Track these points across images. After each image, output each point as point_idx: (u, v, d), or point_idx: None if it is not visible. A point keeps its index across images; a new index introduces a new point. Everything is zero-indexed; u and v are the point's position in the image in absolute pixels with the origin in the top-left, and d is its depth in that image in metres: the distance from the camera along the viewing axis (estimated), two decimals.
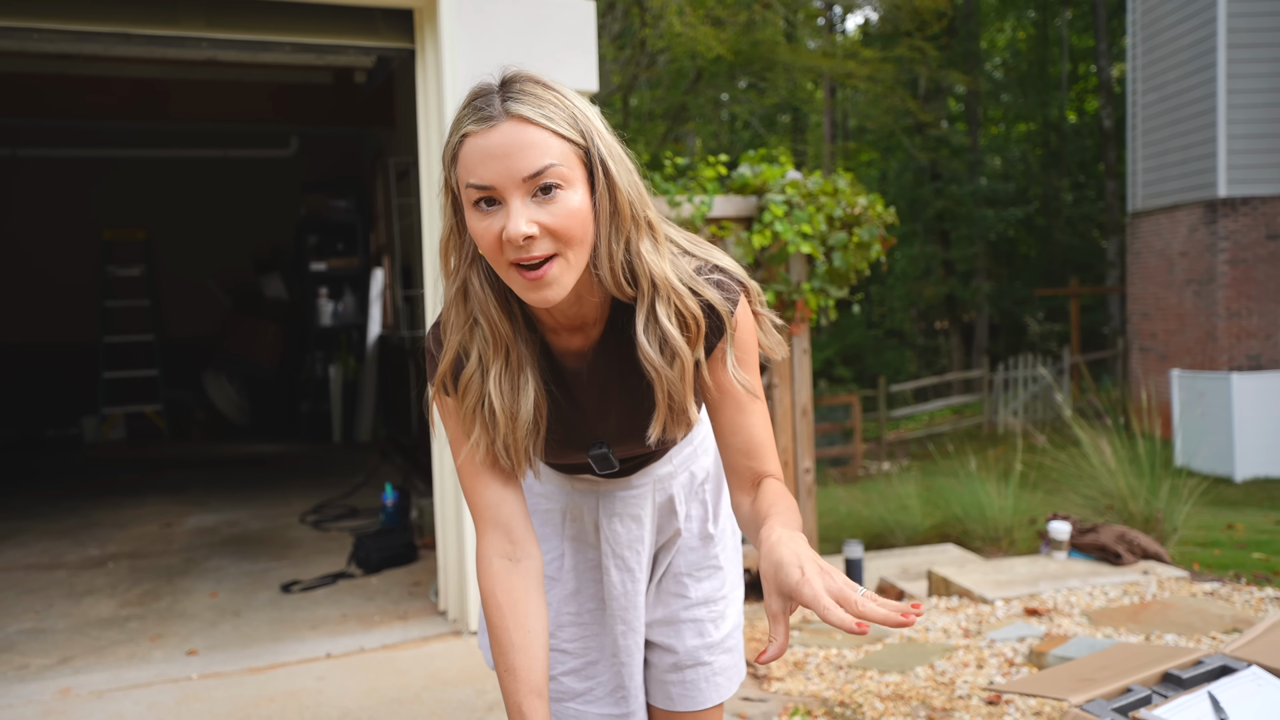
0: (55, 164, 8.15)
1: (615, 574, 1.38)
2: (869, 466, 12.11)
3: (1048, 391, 13.08)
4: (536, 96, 1.09)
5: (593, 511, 1.39)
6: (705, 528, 1.43)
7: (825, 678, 3.05)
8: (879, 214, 4.06)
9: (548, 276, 1.09)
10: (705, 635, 1.41)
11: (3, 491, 6.09)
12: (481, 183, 1.07)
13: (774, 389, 4.09)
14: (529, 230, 1.06)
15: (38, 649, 3.35)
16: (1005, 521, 5.28)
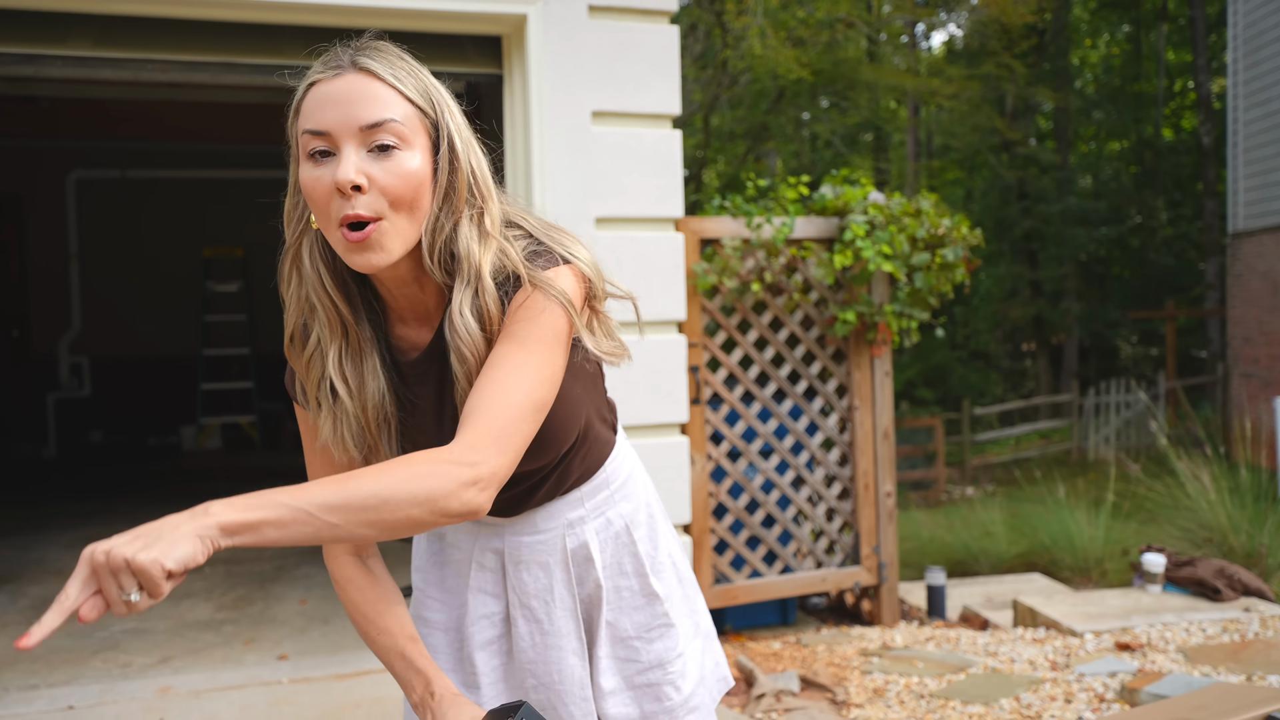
0: (161, 184, 8.54)
1: (523, 625, 1.30)
2: (951, 491, 11.83)
3: (1141, 418, 12.62)
4: (390, 60, 1.09)
5: (497, 557, 1.31)
6: (646, 584, 1.33)
7: (906, 706, 2.99)
8: (964, 235, 4.00)
9: (371, 238, 1.05)
10: (663, 699, 1.32)
11: (109, 497, 6.38)
12: (318, 127, 1.04)
13: (854, 411, 4.05)
14: (357, 179, 1.03)
15: (140, 648, 3.50)
16: (1095, 552, 5.11)
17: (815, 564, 4.07)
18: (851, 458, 4.08)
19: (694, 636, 1.38)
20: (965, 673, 3.28)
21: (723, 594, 3.79)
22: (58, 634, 3.66)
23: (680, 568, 1.42)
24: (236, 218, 8.71)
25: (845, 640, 3.77)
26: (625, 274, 3.37)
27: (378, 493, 0.95)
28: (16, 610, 3.99)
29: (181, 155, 8.36)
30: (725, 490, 3.87)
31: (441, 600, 1.36)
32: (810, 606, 4.44)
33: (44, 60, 2.88)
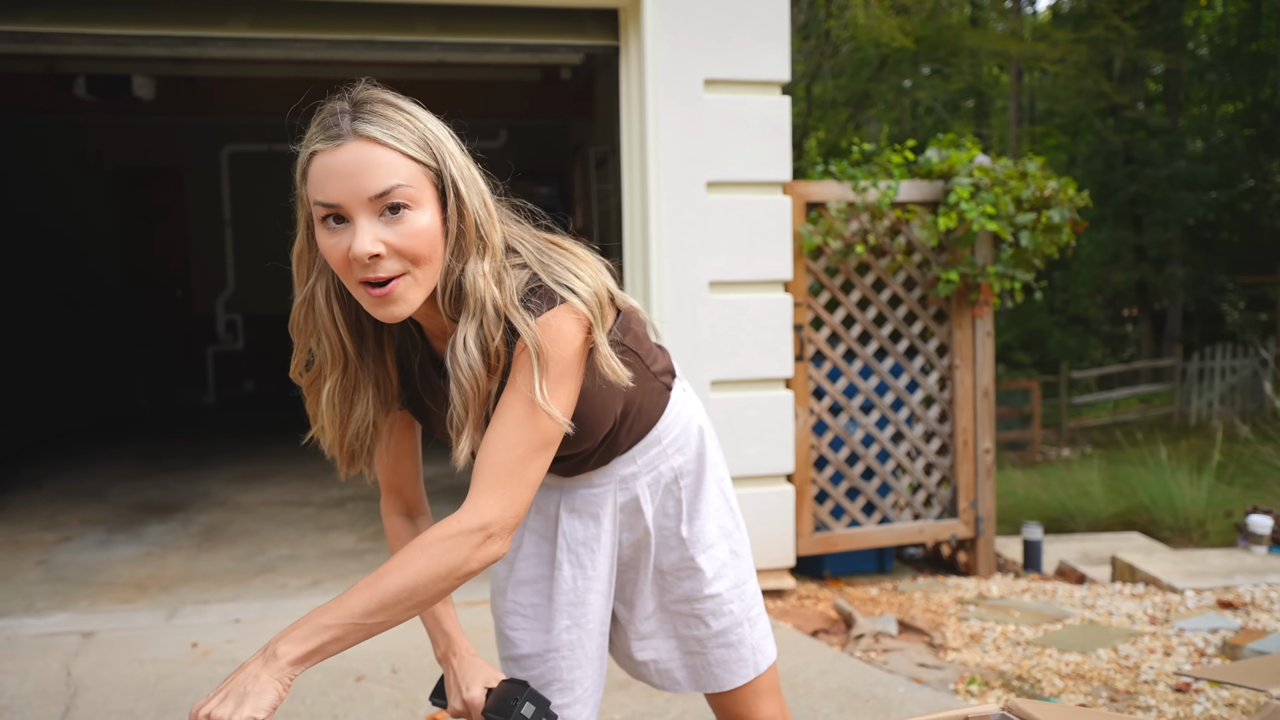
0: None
1: (567, 569, 1.35)
2: (1047, 452, 11.45)
3: (1247, 383, 11.93)
4: (385, 117, 1.07)
5: (554, 506, 1.37)
6: (679, 528, 1.37)
7: (1002, 652, 2.96)
8: (1070, 197, 3.84)
9: (394, 293, 1.06)
10: (694, 629, 1.39)
11: (261, 439, 6.76)
12: (328, 200, 1.05)
13: (955, 369, 3.96)
14: (374, 249, 1.03)
15: (294, 572, 3.73)
16: (1197, 513, 4.90)
17: (913, 516, 4.03)
18: (951, 414, 4.00)
19: (737, 584, 1.41)
20: (1062, 623, 3.21)
21: (822, 541, 3.80)
22: (224, 557, 3.93)
23: (735, 515, 1.44)
24: None
25: (941, 589, 3.73)
26: (735, 237, 3.37)
27: (405, 585, 1.04)
28: (187, 535, 4.29)
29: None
30: (826, 443, 3.85)
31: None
32: (907, 557, 4.40)
33: (207, 42, 3.03)
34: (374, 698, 2.60)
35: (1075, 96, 14.84)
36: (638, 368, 1.28)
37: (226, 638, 3.04)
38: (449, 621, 1.32)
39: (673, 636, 1.42)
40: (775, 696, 1.45)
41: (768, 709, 1.44)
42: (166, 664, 2.83)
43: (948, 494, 4.05)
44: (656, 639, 1.43)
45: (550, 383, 1.10)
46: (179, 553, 4.02)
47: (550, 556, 1.38)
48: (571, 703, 1.38)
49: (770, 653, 1.44)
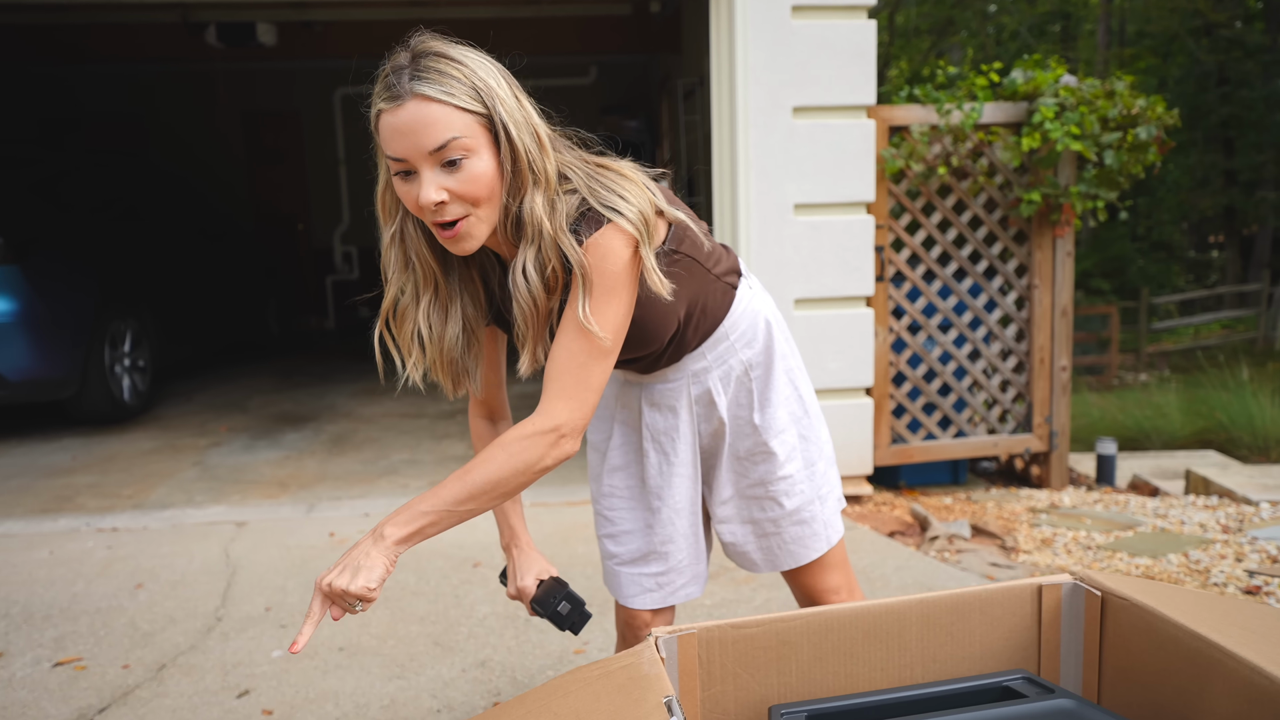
0: None
1: (653, 456, 1.44)
2: (1124, 377, 11.05)
3: None
4: (440, 72, 1.11)
5: (636, 400, 1.45)
6: (752, 416, 1.41)
7: (1073, 555, 2.95)
8: (1159, 115, 3.64)
9: (460, 232, 1.14)
10: (767, 510, 1.45)
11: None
12: (395, 155, 1.12)
13: (1033, 289, 3.86)
14: (438, 198, 1.11)
15: (414, 474, 3.94)
16: (1276, 433, 4.72)
17: (988, 430, 3.99)
18: (1028, 333, 3.92)
19: (810, 463, 1.47)
20: (1133, 531, 3.17)
21: (898, 453, 3.80)
22: (352, 461, 4.16)
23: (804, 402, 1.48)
24: None
25: (1014, 499, 3.71)
26: (819, 160, 3.32)
27: (489, 478, 1.15)
28: (319, 442, 4.55)
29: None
30: (905, 360, 3.83)
31: (594, 425, 1.53)
32: (980, 469, 4.37)
33: None
34: (489, 581, 2.76)
35: (1168, 16, 13.82)
36: (698, 271, 1.32)
37: (359, 529, 3.25)
38: (515, 517, 1.45)
39: (748, 521, 1.49)
40: (844, 569, 1.53)
41: (835, 579, 1.52)
42: (309, 549, 3.06)
43: (1023, 410, 3.99)
44: (734, 523, 1.50)
45: (596, 300, 1.17)
46: (313, 457, 4.27)
47: (638, 445, 1.47)
48: (667, 570, 1.48)
49: (839, 528, 1.51)
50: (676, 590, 1.50)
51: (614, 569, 1.51)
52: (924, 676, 1.13)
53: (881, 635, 1.12)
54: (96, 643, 2.37)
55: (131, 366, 5.06)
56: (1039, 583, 1.17)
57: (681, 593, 1.50)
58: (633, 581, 1.49)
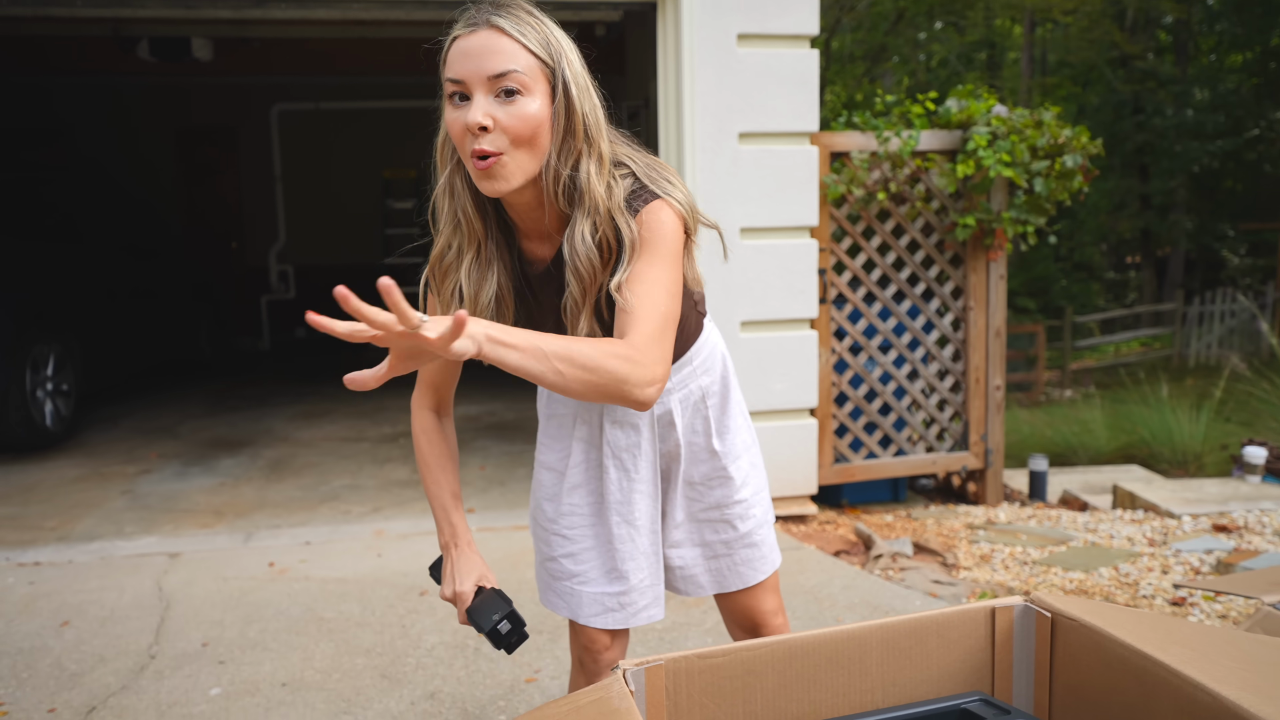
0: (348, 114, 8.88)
1: (614, 473, 1.43)
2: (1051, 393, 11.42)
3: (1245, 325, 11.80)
4: (518, 16, 1.14)
5: (598, 417, 1.43)
6: (710, 443, 1.46)
7: (1010, 570, 3.03)
8: (1084, 144, 3.80)
9: (493, 169, 1.13)
10: (720, 533, 1.48)
11: (314, 381, 6.90)
12: (455, 76, 1.13)
13: (969, 311, 3.98)
14: (484, 121, 1.11)
15: (356, 500, 3.85)
16: (1194, 447, 4.93)
17: (926, 449, 4.08)
18: (964, 353, 4.03)
19: (758, 490, 1.52)
20: (1066, 545, 3.27)
21: (841, 472, 3.87)
22: (291, 487, 4.06)
23: (752, 431, 1.54)
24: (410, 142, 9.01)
25: (952, 516, 3.80)
26: (764, 185, 3.38)
27: (591, 359, 1.07)
28: (256, 468, 4.43)
29: (365, 88, 8.64)
30: (847, 380, 3.90)
31: (548, 445, 1.50)
32: (919, 487, 4.47)
33: (269, 3, 3.05)
34: (436, 610, 2.71)
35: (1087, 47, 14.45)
36: (686, 290, 1.35)
37: (299, 558, 3.17)
38: (455, 513, 1.41)
39: (699, 544, 1.51)
40: (778, 591, 1.58)
41: (775, 600, 1.57)
42: (247, 580, 2.97)
43: (959, 428, 4.10)
44: (684, 547, 1.51)
45: (652, 264, 1.19)
46: (250, 483, 4.15)
47: (598, 462, 1.46)
48: (628, 590, 1.47)
49: (779, 553, 1.56)
50: (639, 611, 1.49)
51: (574, 589, 1.49)
52: (884, 701, 1.15)
53: (844, 661, 1.14)
54: (19, 685, 2.26)
55: (55, 390, 4.86)
56: (992, 605, 1.20)
57: (644, 614, 1.50)
58: (595, 601, 1.48)
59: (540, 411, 1.57)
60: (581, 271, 1.21)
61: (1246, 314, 11.94)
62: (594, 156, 1.19)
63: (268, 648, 2.46)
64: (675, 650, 2.40)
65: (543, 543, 1.52)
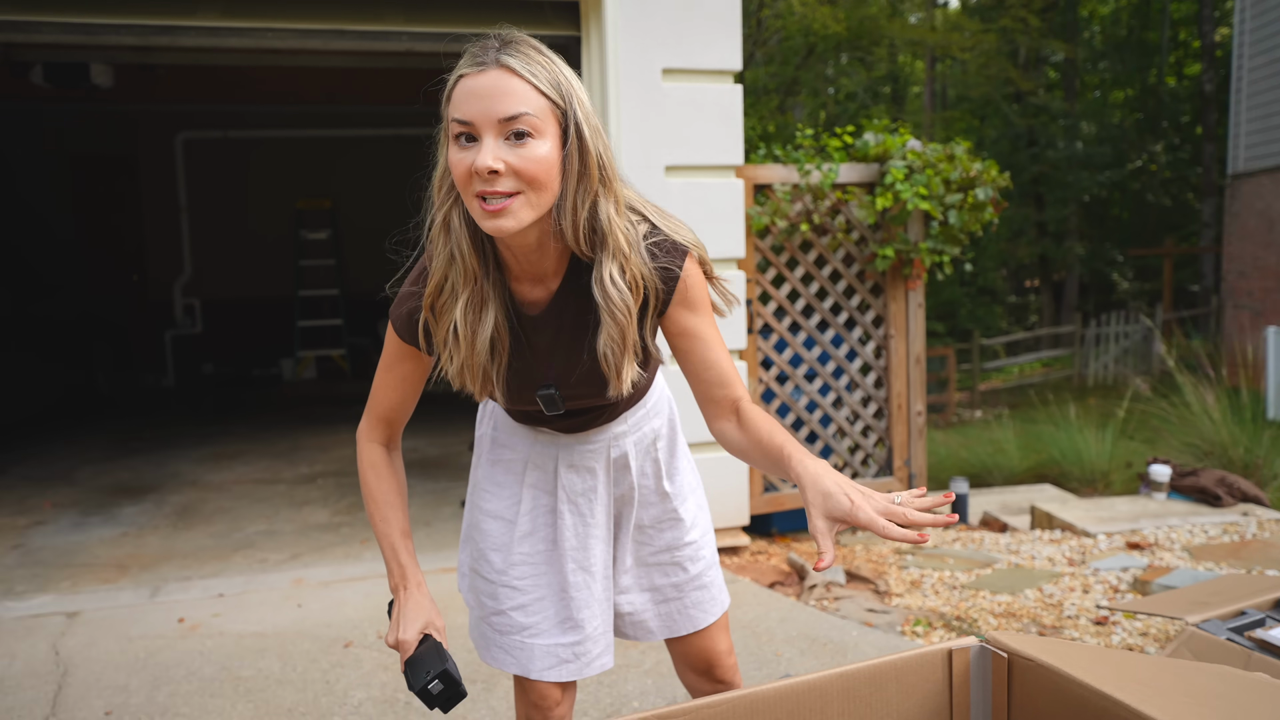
0: (258, 143, 8.61)
1: (569, 518, 1.40)
2: (962, 414, 11.79)
3: (1139, 346, 12.45)
4: (527, 56, 1.12)
5: (552, 461, 1.41)
6: (660, 485, 1.45)
7: (940, 595, 3.07)
8: (993, 178, 3.95)
9: (508, 209, 1.10)
10: (670, 575, 1.47)
11: (225, 420, 6.60)
12: (463, 117, 1.09)
13: (890, 339, 4.06)
14: (495, 165, 1.08)
15: (273, 547, 3.67)
16: (1102, 466, 5.12)
17: (852, 475, 4.13)
18: (886, 381, 4.11)
19: (706, 531, 1.52)
20: (991, 568, 3.34)
21: (771, 500, 3.88)
22: (201, 535, 3.84)
23: (692, 476, 1.54)
24: (325, 172, 8.79)
25: (879, 541, 3.85)
26: (692, 217, 3.39)
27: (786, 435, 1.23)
28: (162, 515, 4.18)
29: (276, 116, 8.39)
30: (774, 410, 3.92)
31: (494, 493, 1.45)
32: None
33: (178, 31, 2.92)
34: (363, 662, 2.59)
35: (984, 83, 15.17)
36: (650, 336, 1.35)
37: (212, 612, 2.99)
38: (404, 553, 1.34)
39: (649, 589, 1.48)
40: (729, 631, 1.56)
41: (727, 640, 1.54)
42: (155, 640, 2.78)
43: (884, 454, 4.16)
44: (633, 592, 1.48)
45: (706, 316, 1.27)
46: (155, 532, 3.92)
47: (550, 507, 1.43)
48: (582, 640, 1.42)
49: (727, 592, 1.55)
50: (592, 661, 1.43)
51: (525, 643, 1.42)
52: None
53: (805, 713, 1.10)
54: None
55: None
56: (949, 647, 1.19)
57: (596, 663, 1.44)
58: (548, 653, 1.41)
59: (481, 457, 1.51)
60: (617, 313, 1.19)
61: (1139, 335, 12.61)
62: (610, 198, 1.17)
63: (179, 713, 2.30)
64: (615, 692, 2.33)
65: (487, 596, 1.45)
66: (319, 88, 6.21)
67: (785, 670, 2.45)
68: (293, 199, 8.61)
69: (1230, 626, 1.91)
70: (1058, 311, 19.12)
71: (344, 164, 8.76)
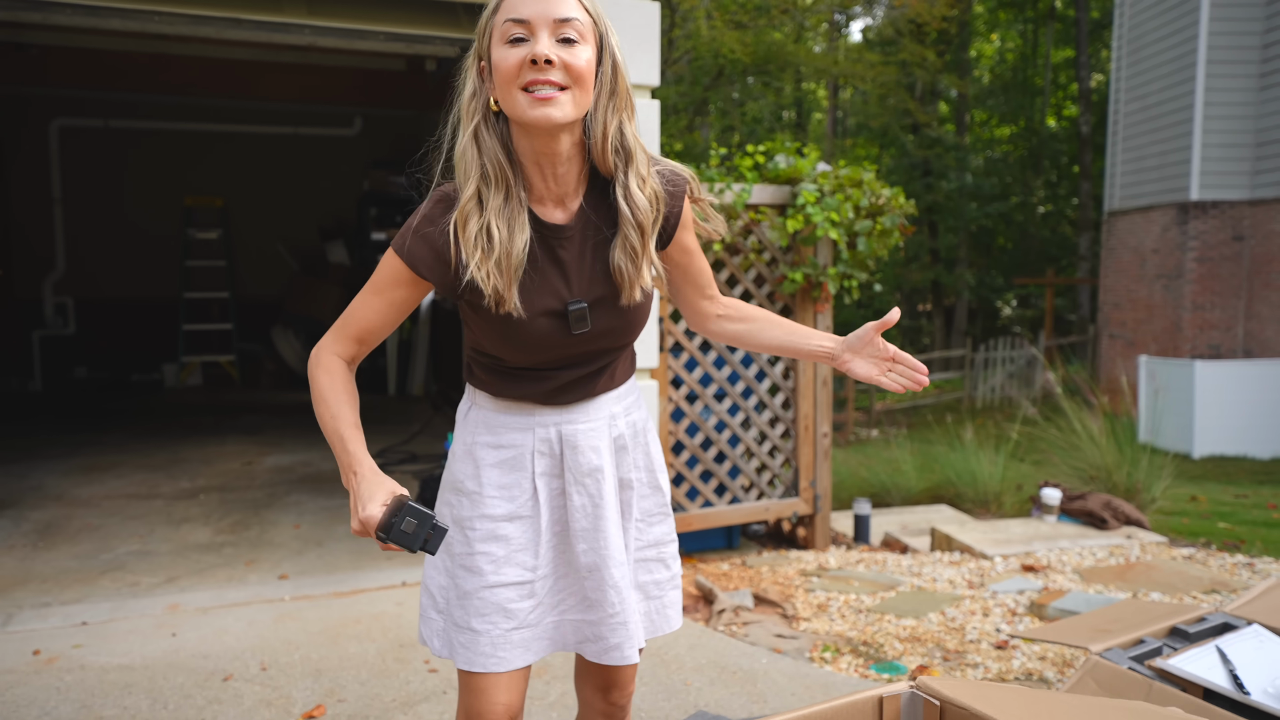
0: (144, 135, 8.10)
1: (577, 499, 1.39)
2: (859, 433, 12.09)
3: (1024, 371, 13.04)
4: None
5: (556, 444, 1.39)
6: (654, 478, 1.48)
7: (847, 620, 3.07)
8: (900, 205, 4.02)
9: (557, 98, 1.19)
10: (654, 573, 1.48)
11: (98, 428, 6.13)
12: (520, 16, 1.20)
13: (799, 361, 4.08)
14: (552, 54, 1.18)
15: (146, 569, 3.38)
16: (995, 487, 5.28)
17: (758, 495, 4.12)
18: (794, 402, 4.12)
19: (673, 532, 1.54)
20: (895, 590, 3.37)
21: (678, 521, 3.82)
22: (65, 555, 3.52)
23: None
24: (217, 169, 8.34)
25: (785, 562, 3.84)
26: None
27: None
28: (20, 533, 3.82)
29: (165, 108, 7.92)
30: (683, 429, 3.87)
31: (500, 495, 1.39)
32: (751, 532, 4.50)
33: (52, 7, 2.66)
34: (244, 698, 2.39)
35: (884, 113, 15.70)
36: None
37: (73, 642, 2.72)
38: (353, 441, 1.27)
39: (637, 586, 1.47)
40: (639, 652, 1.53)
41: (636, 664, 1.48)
42: (4, 675, 2.50)
43: (790, 475, 4.17)
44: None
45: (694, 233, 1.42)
46: (11, 553, 3.56)
47: (561, 489, 1.40)
48: (609, 615, 1.38)
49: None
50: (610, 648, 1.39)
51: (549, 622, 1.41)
52: None
53: None
54: None
55: None
56: (879, 694, 1.14)
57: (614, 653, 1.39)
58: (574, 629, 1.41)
59: (469, 471, 1.40)
60: (643, 221, 1.29)
61: (1023, 360, 13.21)
62: (632, 121, 1.29)
63: None
64: None
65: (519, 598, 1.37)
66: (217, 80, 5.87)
67: (695, 701, 2.38)
68: (181, 195, 8.14)
69: (1131, 655, 1.94)
70: (948, 335, 19.92)
71: (238, 161, 8.34)
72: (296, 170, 8.46)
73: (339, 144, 8.51)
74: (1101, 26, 18.81)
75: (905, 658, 2.71)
